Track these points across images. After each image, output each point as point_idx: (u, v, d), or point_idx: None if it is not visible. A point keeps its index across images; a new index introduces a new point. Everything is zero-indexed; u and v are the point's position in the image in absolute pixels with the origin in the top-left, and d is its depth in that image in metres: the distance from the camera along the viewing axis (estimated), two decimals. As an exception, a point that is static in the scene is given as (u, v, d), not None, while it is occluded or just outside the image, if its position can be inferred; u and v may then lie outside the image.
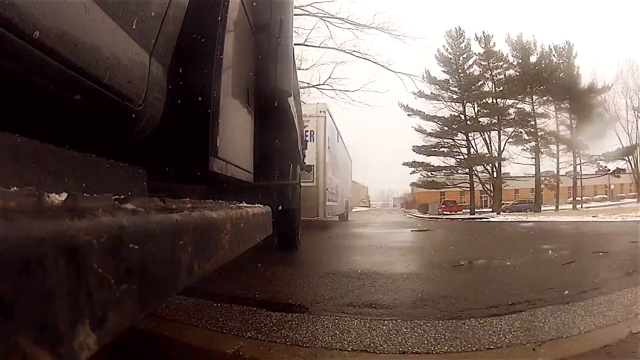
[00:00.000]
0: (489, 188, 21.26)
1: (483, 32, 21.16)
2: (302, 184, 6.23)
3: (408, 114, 21.27)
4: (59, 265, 0.29)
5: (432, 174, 22.64)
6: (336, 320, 1.84)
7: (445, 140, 21.95)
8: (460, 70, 21.59)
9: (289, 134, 2.89)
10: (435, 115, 21.76)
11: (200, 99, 1.08)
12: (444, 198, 24.47)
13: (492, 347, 1.52)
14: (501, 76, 20.92)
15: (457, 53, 21.87)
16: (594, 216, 13.32)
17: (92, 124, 0.76)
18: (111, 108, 0.76)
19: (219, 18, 1.16)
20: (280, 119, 2.45)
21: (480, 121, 21.10)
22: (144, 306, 0.41)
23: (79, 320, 0.30)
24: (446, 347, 1.52)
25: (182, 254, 0.53)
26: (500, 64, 21.05)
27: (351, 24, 13.44)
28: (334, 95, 14.72)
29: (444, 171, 22.53)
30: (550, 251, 4.41)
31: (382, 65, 14.95)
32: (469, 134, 21.47)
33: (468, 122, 21.22)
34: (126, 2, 0.74)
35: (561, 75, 19.83)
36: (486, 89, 21.04)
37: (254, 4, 1.71)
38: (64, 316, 0.29)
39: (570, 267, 3.25)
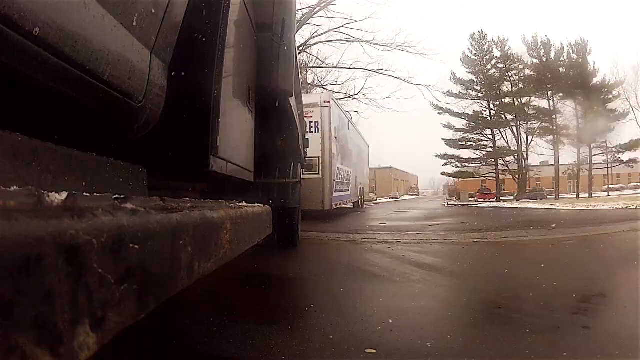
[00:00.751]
0: (515, 177, 23.51)
1: (498, 37, 23.80)
2: (306, 176, 6.21)
3: (439, 112, 23.81)
4: (59, 265, 0.29)
5: (462, 165, 25.08)
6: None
7: (471, 135, 24.32)
8: (484, 71, 23.79)
9: (290, 133, 2.89)
10: (463, 113, 24.22)
11: (201, 97, 1.08)
12: (485, 186, 26.25)
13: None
14: (517, 77, 23.16)
15: (480, 55, 24.04)
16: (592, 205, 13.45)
17: (92, 121, 0.76)
18: (111, 105, 0.75)
19: (221, 16, 1.16)
20: (281, 118, 2.45)
21: (501, 118, 23.32)
22: (144, 306, 0.41)
23: (79, 320, 0.30)
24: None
25: (182, 253, 0.53)
26: (516, 65, 23.07)
27: (377, 45, 16.73)
28: (368, 103, 17.87)
29: (472, 162, 24.93)
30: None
31: (403, 80, 17.79)
32: (494, 129, 23.80)
33: (492, 119, 23.56)
34: None
35: (576, 71, 21.21)
36: (505, 88, 23.40)
37: (256, 3, 1.71)
38: (64, 316, 0.29)
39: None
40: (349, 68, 17.34)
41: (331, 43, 16.55)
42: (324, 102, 7.01)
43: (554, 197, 22.53)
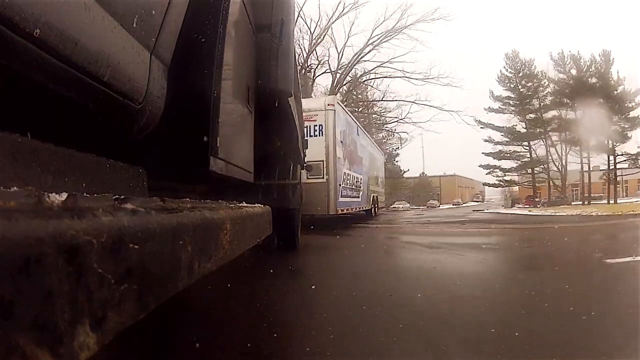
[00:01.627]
0: (554, 184, 26.29)
1: (524, 58, 26.40)
2: (310, 180, 6.15)
3: (481, 127, 27.03)
4: (59, 265, 0.29)
5: (504, 174, 28.33)
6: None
7: (510, 146, 27.39)
8: (518, 87, 26.24)
9: (289, 134, 2.89)
10: (500, 126, 27.16)
11: (200, 98, 1.08)
12: (540, 193, 28.42)
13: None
14: (543, 92, 25.82)
15: (514, 72, 26.52)
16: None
17: (92, 122, 0.76)
18: (111, 106, 0.75)
19: (220, 17, 1.16)
20: (280, 119, 2.45)
21: (534, 131, 25.96)
22: (144, 306, 0.41)
23: (79, 320, 0.30)
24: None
25: (182, 253, 0.53)
26: (543, 82, 25.74)
27: (415, 79, 21.48)
28: (414, 127, 23.29)
29: (512, 172, 27.91)
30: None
31: (437, 107, 22.20)
32: (529, 141, 26.58)
33: (528, 131, 26.24)
34: (127, 0, 0.73)
35: (599, 83, 23.09)
36: (535, 103, 25.95)
37: (255, 3, 1.71)
38: (64, 316, 0.29)
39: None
40: (393, 100, 22.75)
41: (379, 78, 21.72)
42: (328, 105, 6.90)
43: (585, 202, 23.63)
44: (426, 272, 2.88)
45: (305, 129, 6.28)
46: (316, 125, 6.73)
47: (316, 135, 6.65)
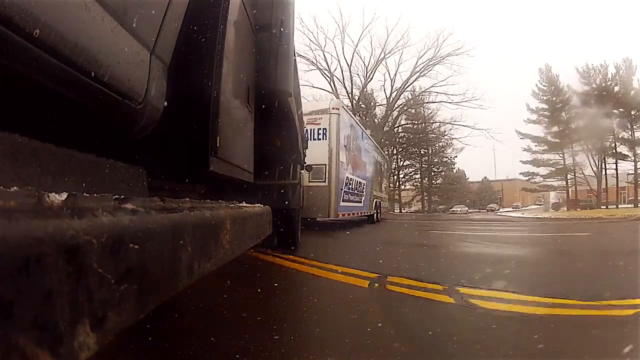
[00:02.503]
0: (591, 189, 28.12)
1: (555, 73, 28.55)
2: (312, 183, 6.14)
3: (520, 138, 29.87)
4: (59, 265, 0.29)
5: (541, 179, 30.55)
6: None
7: (546, 155, 29.63)
8: (551, 99, 28.36)
9: (289, 134, 2.88)
10: (537, 136, 29.71)
11: (200, 98, 1.08)
12: (589, 196, 30.13)
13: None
14: (570, 105, 27.93)
15: (547, 85, 28.79)
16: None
17: (92, 122, 0.76)
18: (111, 106, 0.75)
19: (220, 17, 1.16)
20: (280, 119, 2.44)
21: (562, 141, 28.00)
22: (144, 306, 0.41)
23: (79, 320, 0.30)
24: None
25: (182, 253, 0.53)
26: (568, 95, 27.78)
27: (453, 102, 26.19)
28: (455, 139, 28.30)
29: (548, 178, 30.09)
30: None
31: (470, 127, 26.69)
32: (563, 150, 28.77)
33: (560, 141, 28.36)
34: (126, 0, 0.73)
35: (621, 92, 24.57)
36: (564, 115, 28.13)
37: (255, 3, 1.71)
38: (64, 316, 0.29)
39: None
40: (434, 122, 29.00)
41: (425, 103, 27.47)
42: (333, 109, 6.82)
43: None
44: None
45: (309, 132, 6.30)
46: (320, 129, 6.69)
47: (320, 139, 6.61)
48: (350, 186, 7.83)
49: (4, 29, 0.45)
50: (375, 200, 11.00)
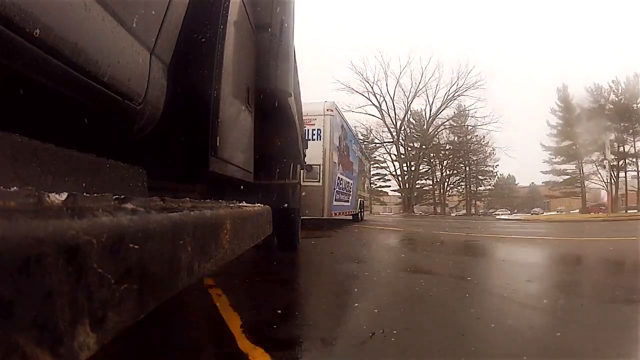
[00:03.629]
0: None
1: (571, 93, 31.11)
2: (308, 183, 6.21)
3: (543, 150, 32.75)
4: (59, 265, 0.29)
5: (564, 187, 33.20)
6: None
7: (565, 165, 32.56)
8: (567, 116, 30.79)
9: (289, 134, 2.89)
10: (554, 147, 32.58)
11: (200, 98, 1.08)
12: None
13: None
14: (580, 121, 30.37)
15: (563, 105, 31.43)
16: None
17: (92, 122, 0.76)
18: (111, 106, 0.76)
19: (220, 17, 1.16)
20: (280, 118, 2.45)
21: (576, 152, 30.90)
22: (144, 306, 0.41)
23: (79, 320, 0.30)
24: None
25: (182, 253, 0.53)
26: (577, 113, 29.98)
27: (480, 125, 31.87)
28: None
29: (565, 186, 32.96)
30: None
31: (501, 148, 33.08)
32: (580, 160, 31.59)
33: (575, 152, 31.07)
34: (127, 0, 0.74)
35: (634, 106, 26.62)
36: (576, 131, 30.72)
37: (255, 3, 1.71)
38: (64, 316, 0.29)
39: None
40: (456, 143, 34.13)
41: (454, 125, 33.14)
42: (327, 110, 6.99)
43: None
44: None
45: (305, 132, 6.39)
46: (314, 130, 6.86)
47: (314, 139, 6.77)
48: (340, 186, 8.09)
49: (4, 29, 0.45)
50: (359, 199, 11.41)
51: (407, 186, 32.76)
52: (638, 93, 26.18)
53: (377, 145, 33.30)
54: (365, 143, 28.24)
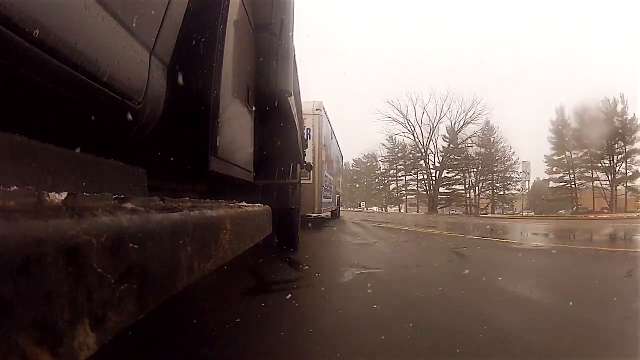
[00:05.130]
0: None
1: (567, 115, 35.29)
2: (301, 182, 6.33)
3: (544, 162, 36.85)
4: (59, 265, 0.29)
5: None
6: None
7: (557, 174, 36.92)
8: (564, 131, 34.83)
9: (289, 134, 2.89)
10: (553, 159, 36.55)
11: (200, 98, 1.08)
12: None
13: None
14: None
15: (562, 124, 35.34)
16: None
17: (92, 123, 0.76)
18: (111, 106, 0.76)
19: (220, 17, 1.16)
20: (280, 118, 2.45)
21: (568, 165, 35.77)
22: (144, 306, 0.41)
23: (79, 320, 0.30)
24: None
25: (182, 253, 0.53)
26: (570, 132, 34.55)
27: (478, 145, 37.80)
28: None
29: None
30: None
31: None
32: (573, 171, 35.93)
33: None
34: (127, 0, 0.73)
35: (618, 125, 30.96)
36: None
37: (255, 3, 1.71)
38: (64, 316, 0.29)
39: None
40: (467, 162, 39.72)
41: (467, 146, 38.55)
42: (316, 110, 7.26)
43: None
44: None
45: (300, 131, 6.59)
46: (305, 129, 7.05)
47: (305, 139, 6.92)
48: (327, 184, 8.41)
49: (4, 29, 0.45)
50: (337, 196, 11.86)
51: (432, 191, 39.42)
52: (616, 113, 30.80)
53: (412, 160, 41.64)
54: (404, 159, 40.66)
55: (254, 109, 1.73)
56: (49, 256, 0.28)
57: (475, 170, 40.32)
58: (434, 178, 39.91)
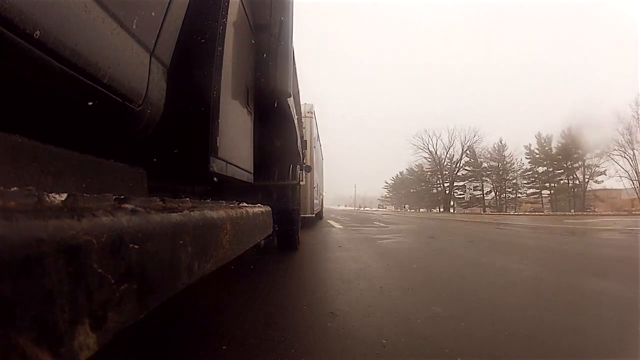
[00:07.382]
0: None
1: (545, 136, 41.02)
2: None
3: (527, 174, 42.87)
4: (59, 265, 0.29)
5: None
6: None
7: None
8: (541, 153, 40.60)
9: (288, 134, 2.89)
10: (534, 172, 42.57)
11: (200, 98, 1.08)
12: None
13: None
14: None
15: (542, 147, 41.34)
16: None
17: (92, 124, 0.76)
18: (111, 108, 0.76)
19: (219, 18, 1.16)
20: (279, 119, 2.45)
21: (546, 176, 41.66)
22: (144, 306, 0.41)
23: (79, 320, 0.30)
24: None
25: (182, 254, 0.53)
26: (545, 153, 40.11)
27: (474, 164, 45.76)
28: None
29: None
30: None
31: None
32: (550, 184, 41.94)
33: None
34: (126, 2, 0.74)
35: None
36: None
37: (254, 4, 1.72)
38: (64, 316, 0.29)
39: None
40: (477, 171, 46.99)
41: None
42: (308, 112, 7.40)
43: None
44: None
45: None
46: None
47: (305, 140, 7.07)
48: (315, 185, 8.64)
49: (4, 30, 0.45)
50: (321, 197, 12.18)
51: (446, 193, 47.85)
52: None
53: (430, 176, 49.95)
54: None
55: (253, 109, 1.73)
56: (49, 256, 0.28)
57: (488, 178, 47.10)
58: (446, 185, 47.86)
